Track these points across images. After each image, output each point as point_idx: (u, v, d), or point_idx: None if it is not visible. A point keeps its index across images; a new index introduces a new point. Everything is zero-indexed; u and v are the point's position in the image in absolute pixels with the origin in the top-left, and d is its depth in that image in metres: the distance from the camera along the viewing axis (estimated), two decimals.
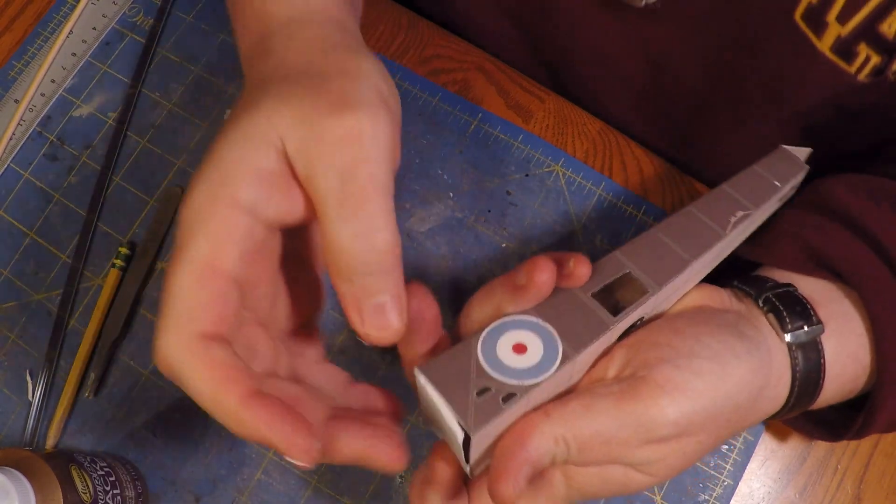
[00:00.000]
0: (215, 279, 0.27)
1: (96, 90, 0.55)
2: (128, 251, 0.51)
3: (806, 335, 0.36)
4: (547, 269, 0.32)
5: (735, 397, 0.33)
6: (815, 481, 0.47)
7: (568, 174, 0.52)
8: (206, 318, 0.27)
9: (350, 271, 0.27)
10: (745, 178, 0.41)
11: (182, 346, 0.26)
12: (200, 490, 0.47)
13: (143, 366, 0.49)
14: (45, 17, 0.57)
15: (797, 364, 0.36)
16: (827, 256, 0.38)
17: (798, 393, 0.36)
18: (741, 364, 0.33)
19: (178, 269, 0.27)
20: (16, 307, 0.51)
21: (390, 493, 0.47)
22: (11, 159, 0.54)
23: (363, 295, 0.28)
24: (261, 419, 0.26)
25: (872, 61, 0.38)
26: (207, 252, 0.27)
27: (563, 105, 0.54)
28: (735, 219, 0.38)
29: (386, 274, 0.28)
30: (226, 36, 0.56)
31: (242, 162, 0.28)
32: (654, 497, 0.46)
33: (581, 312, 0.33)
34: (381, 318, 0.28)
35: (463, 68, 0.55)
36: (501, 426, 0.31)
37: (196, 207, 0.27)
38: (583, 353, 0.32)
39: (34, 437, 0.48)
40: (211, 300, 0.27)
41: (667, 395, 0.31)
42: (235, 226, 0.27)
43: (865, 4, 0.36)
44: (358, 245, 0.27)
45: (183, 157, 0.53)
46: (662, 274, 0.34)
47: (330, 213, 0.27)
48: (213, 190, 0.27)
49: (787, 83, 0.43)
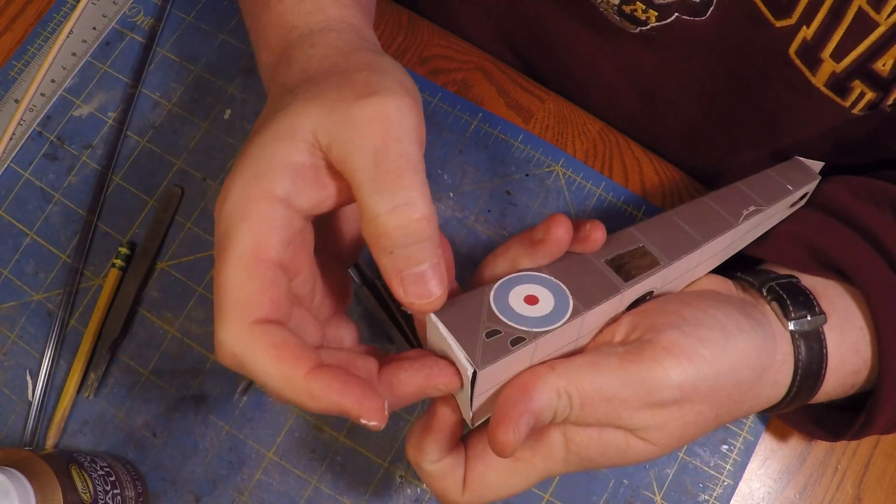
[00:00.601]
0: (264, 267, 0.28)
1: (96, 90, 0.55)
2: (128, 251, 0.51)
3: (809, 324, 0.37)
4: (564, 225, 0.33)
5: (738, 372, 0.33)
6: (815, 481, 0.47)
7: (568, 174, 0.52)
8: (260, 305, 0.28)
9: (390, 243, 0.28)
10: (760, 179, 0.42)
11: (243, 335, 0.27)
12: (200, 490, 0.47)
13: (143, 366, 0.49)
14: (45, 17, 0.57)
15: (800, 352, 0.36)
16: (829, 255, 0.39)
17: (800, 382, 0.36)
18: (746, 339, 0.34)
19: (227, 263, 0.28)
20: (16, 307, 0.51)
21: (390, 492, 0.47)
22: (11, 159, 0.54)
23: (404, 265, 0.29)
24: (332, 389, 0.27)
25: (867, 97, 0.38)
26: (252, 243, 0.28)
27: (563, 105, 0.54)
28: (747, 212, 0.39)
29: (424, 243, 0.29)
30: (226, 36, 0.56)
31: (275, 157, 0.29)
32: (654, 497, 0.46)
33: (593, 275, 0.34)
34: (423, 286, 0.29)
35: (463, 68, 0.55)
36: (507, 370, 0.31)
37: (234, 204, 0.29)
38: (592, 310, 0.32)
39: (34, 437, 0.48)
40: (262, 287, 0.28)
41: (672, 358, 0.31)
42: (274, 216, 0.28)
43: (860, 43, 0.36)
44: (396, 217, 0.28)
45: (183, 157, 0.53)
46: (674, 250, 0.36)
47: (366, 189, 0.28)
48: (248, 186, 0.28)
49: (782, 116, 0.44)
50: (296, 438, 0.47)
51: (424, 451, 0.33)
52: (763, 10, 0.38)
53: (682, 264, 0.36)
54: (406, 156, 0.28)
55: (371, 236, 0.29)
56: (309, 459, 0.47)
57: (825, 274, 0.39)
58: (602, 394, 0.31)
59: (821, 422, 0.42)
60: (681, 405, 0.32)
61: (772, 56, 0.39)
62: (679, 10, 0.40)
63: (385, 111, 0.29)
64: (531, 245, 0.33)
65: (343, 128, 0.29)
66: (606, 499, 0.46)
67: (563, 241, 0.33)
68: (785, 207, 0.43)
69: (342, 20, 0.36)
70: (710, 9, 0.39)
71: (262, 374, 0.28)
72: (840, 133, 0.43)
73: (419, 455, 0.33)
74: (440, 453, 0.33)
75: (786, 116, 0.43)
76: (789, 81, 0.40)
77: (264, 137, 0.30)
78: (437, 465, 0.33)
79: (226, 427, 0.48)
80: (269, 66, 0.36)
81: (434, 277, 0.29)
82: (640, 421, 0.32)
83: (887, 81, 0.37)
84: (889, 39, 0.35)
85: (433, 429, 0.33)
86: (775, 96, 0.42)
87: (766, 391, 0.36)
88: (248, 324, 0.28)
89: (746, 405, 0.36)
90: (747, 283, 0.39)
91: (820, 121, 0.42)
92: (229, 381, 0.48)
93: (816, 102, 0.40)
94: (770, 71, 0.40)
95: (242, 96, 0.54)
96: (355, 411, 0.28)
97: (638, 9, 0.41)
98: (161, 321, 0.50)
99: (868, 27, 0.35)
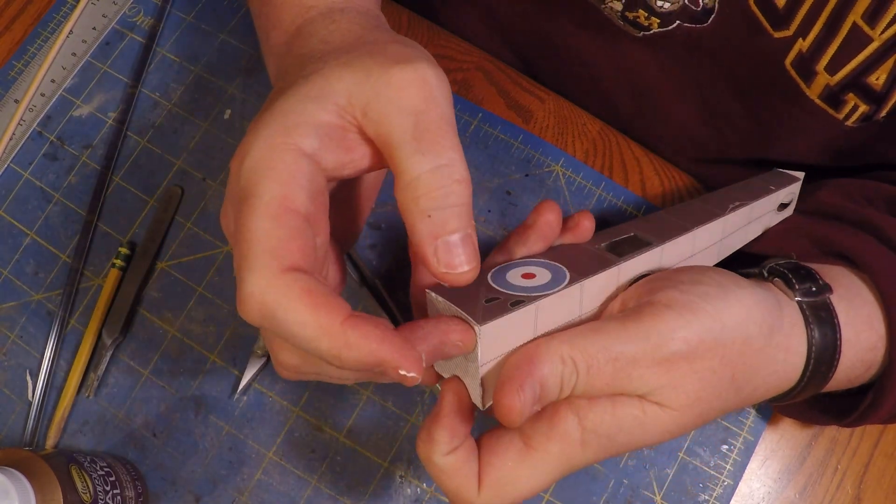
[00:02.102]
0: (291, 216, 0.27)
1: (96, 90, 0.55)
2: (128, 251, 0.51)
3: (815, 294, 0.36)
4: (554, 210, 0.34)
5: (744, 326, 0.32)
6: (815, 481, 0.47)
7: (568, 174, 0.52)
8: (291, 252, 0.27)
9: (430, 204, 0.28)
10: (743, 185, 0.44)
11: (274, 283, 0.26)
12: (200, 490, 0.47)
13: (143, 366, 0.49)
14: (45, 17, 0.57)
15: (810, 323, 0.35)
16: (831, 241, 0.39)
17: (816, 355, 0.35)
18: (746, 294, 0.33)
19: (253, 213, 0.27)
20: (16, 307, 0.51)
21: (390, 492, 0.47)
22: (11, 159, 0.54)
23: (441, 229, 0.28)
24: (372, 337, 0.26)
25: (861, 109, 0.38)
26: (279, 193, 0.27)
27: (563, 105, 0.54)
28: (733, 205, 0.40)
29: (461, 207, 0.29)
30: (226, 36, 0.56)
31: (304, 115, 0.28)
32: (654, 497, 0.46)
33: (588, 256, 0.35)
34: (458, 255, 0.29)
35: (463, 68, 0.55)
36: (511, 335, 0.31)
37: (259, 155, 0.28)
38: (590, 278, 0.33)
39: (34, 437, 0.48)
40: (291, 235, 0.27)
41: (673, 311, 0.31)
42: (301, 170, 0.28)
43: (854, 57, 0.36)
44: (438, 177, 0.28)
45: (183, 157, 0.53)
46: (666, 236, 0.37)
47: (407, 149, 0.28)
48: (275, 139, 0.28)
49: (776, 124, 0.44)
50: (296, 438, 0.47)
51: (434, 440, 0.31)
52: (762, 21, 0.38)
53: (675, 249, 0.37)
54: (446, 118, 0.29)
55: (409, 199, 0.28)
56: (309, 459, 0.47)
57: (828, 260, 0.39)
58: (607, 353, 0.30)
59: (824, 407, 0.41)
60: (690, 360, 0.31)
61: (768, 66, 0.40)
62: (681, 17, 0.41)
63: (424, 75, 0.29)
64: (523, 232, 0.34)
65: (382, 89, 0.28)
66: (606, 499, 0.46)
67: (553, 225, 0.34)
68: (772, 208, 0.43)
69: (360, 2, 0.36)
70: (711, 17, 0.40)
71: (294, 324, 0.26)
72: (833, 142, 0.43)
73: (429, 447, 0.31)
74: (451, 442, 0.31)
75: (780, 125, 0.44)
76: (784, 92, 0.40)
77: (292, 98, 0.29)
78: (449, 458, 0.31)
79: (226, 427, 0.48)
80: (281, 45, 0.36)
81: (469, 248, 0.29)
82: (651, 380, 0.30)
83: (880, 95, 0.37)
84: (882, 54, 0.36)
85: (441, 415, 0.31)
86: (771, 105, 0.43)
87: (780, 358, 0.34)
88: (278, 271, 0.26)
89: (762, 372, 0.34)
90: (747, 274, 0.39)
91: (814, 130, 0.43)
92: (229, 381, 0.49)
93: (810, 113, 0.40)
94: (766, 80, 0.41)
95: (242, 96, 0.54)
96: (394, 361, 0.26)
97: (640, 15, 0.42)
98: (161, 321, 0.50)
99: (862, 42, 0.35)
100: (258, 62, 0.55)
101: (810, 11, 0.36)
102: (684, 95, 0.47)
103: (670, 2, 0.40)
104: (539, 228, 0.34)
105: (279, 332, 0.27)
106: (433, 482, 0.46)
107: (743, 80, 0.43)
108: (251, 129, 0.29)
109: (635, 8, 0.41)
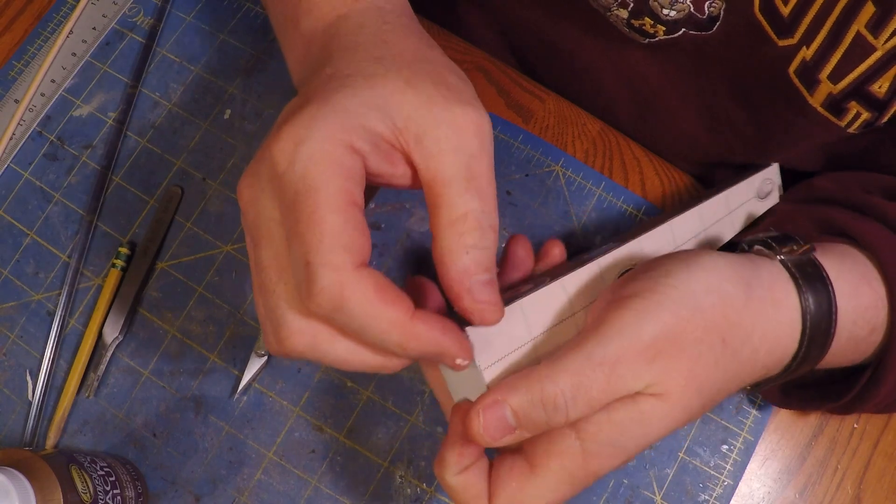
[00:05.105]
0: (356, 211, 0.28)
1: (96, 90, 0.55)
2: (128, 251, 0.51)
3: (796, 253, 0.35)
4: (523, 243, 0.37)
5: (717, 287, 0.32)
6: (815, 481, 0.47)
7: (568, 174, 0.52)
8: (360, 249, 0.28)
9: (472, 241, 0.30)
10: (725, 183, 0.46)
11: (350, 278, 0.27)
12: (200, 490, 0.47)
13: (143, 366, 0.49)
14: (45, 17, 0.57)
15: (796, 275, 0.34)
16: (832, 222, 0.39)
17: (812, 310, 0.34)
18: (710, 259, 0.33)
19: (321, 205, 0.28)
20: (16, 307, 0.51)
21: (390, 492, 0.47)
22: (11, 159, 0.54)
23: (477, 268, 0.30)
24: (437, 330, 0.29)
25: (863, 117, 0.39)
26: (343, 187, 0.28)
27: (563, 105, 0.54)
28: (707, 192, 0.42)
29: (493, 251, 0.30)
30: (226, 36, 0.56)
31: (363, 119, 0.29)
32: (654, 497, 0.46)
33: (570, 265, 0.37)
34: (490, 293, 0.30)
35: (463, 68, 0.54)
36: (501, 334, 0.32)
37: (320, 147, 0.28)
38: (571, 274, 0.34)
39: (34, 437, 0.48)
40: (359, 231, 0.28)
41: (639, 297, 0.31)
42: (357, 168, 0.29)
43: (857, 67, 0.36)
44: (482, 218, 0.30)
45: (183, 157, 0.53)
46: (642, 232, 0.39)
47: (458, 186, 0.30)
48: (335, 134, 0.29)
49: (778, 131, 0.44)
50: (296, 438, 0.47)
51: (445, 461, 0.32)
52: (767, 29, 0.38)
53: (654, 243, 0.38)
54: (492, 168, 0.31)
55: (455, 233, 0.29)
56: (309, 459, 0.47)
57: (828, 238, 0.39)
58: (591, 361, 0.30)
59: (824, 393, 0.41)
60: (672, 339, 0.31)
61: (772, 74, 0.40)
62: (686, 25, 0.41)
63: (481, 123, 0.31)
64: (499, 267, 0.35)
65: (442, 126, 0.30)
66: (607, 499, 0.46)
67: (524, 256, 0.36)
68: (752, 195, 0.45)
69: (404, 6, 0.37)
70: (717, 25, 0.40)
71: (369, 317, 0.28)
72: (834, 148, 0.44)
73: (441, 467, 0.33)
74: (460, 462, 0.32)
75: (782, 131, 0.44)
76: (787, 100, 0.40)
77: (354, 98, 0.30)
78: (460, 477, 0.32)
79: (226, 427, 0.48)
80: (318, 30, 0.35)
81: (496, 290, 0.31)
82: (642, 371, 0.30)
83: (883, 102, 0.37)
84: (885, 63, 0.36)
85: (450, 438, 0.33)
86: (773, 113, 0.43)
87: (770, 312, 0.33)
88: (352, 267, 0.27)
89: (756, 330, 0.33)
90: None
91: (815, 137, 0.43)
92: (229, 381, 0.49)
93: (812, 121, 0.40)
94: (769, 88, 0.41)
95: (242, 96, 0.54)
96: (456, 350, 0.29)
97: (646, 23, 0.42)
98: (161, 321, 0.50)
99: (865, 51, 0.35)
100: (258, 62, 0.55)
101: (815, 20, 0.36)
102: (687, 102, 0.47)
103: (676, 10, 0.40)
104: (511, 260, 0.37)
105: (348, 324, 0.28)
106: (433, 482, 0.47)
107: (746, 87, 0.43)
108: (301, 112, 0.29)
109: (641, 16, 0.41)
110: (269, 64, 0.55)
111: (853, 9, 0.35)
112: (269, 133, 0.30)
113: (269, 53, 0.55)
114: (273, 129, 0.30)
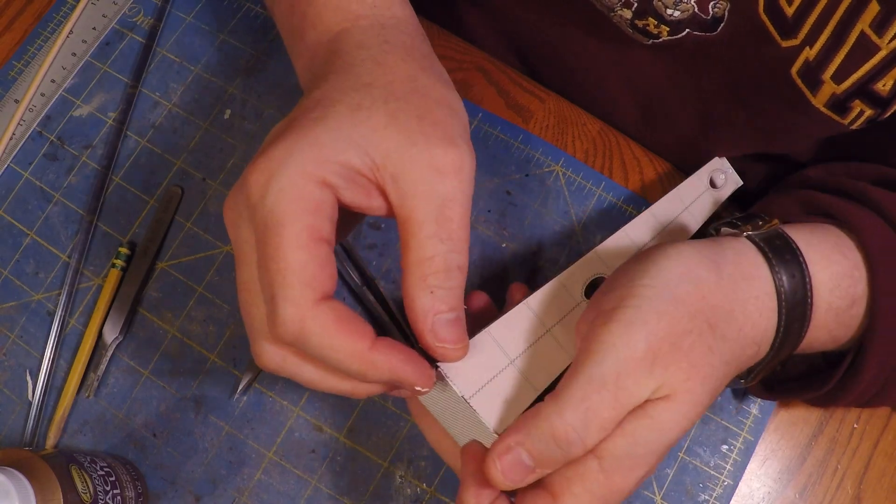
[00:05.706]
0: (321, 247, 0.30)
1: (96, 90, 0.55)
2: (128, 251, 0.51)
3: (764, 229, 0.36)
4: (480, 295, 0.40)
5: (689, 273, 0.33)
6: (815, 481, 0.47)
7: (568, 174, 0.52)
8: (323, 283, 0.29)
9: (437, 281, 0.31)
10: None
11: (310, 313, 0.29)
12: (200, 490, 0.47)
13: (143, 366, 0.49)
14: (45, 17, 0.57)
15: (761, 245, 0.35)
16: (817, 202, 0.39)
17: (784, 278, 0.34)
18: (673, 249, 0.34)
19: (286, 242, 0.29)
20: (16, 307, 0.51)
21: (390, 492, 0.47)
22: (11, 159, 0.54)
23: (441, 306, 0.31)
24: (395, 360, 0.30)
25: (866, 114, 0.39)
26: (310, 223, 0.29)
27: (563, 105, 0.54)
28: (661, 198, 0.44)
29: (459, 290, 0.31)
30: (226, 36, 0.56)
31: (339, 154, 0.30)
32: (654, 497, 0.46)
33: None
34: (452, 331, 0.31)
35: (463, 68, 0.55)
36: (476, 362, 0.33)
37: (290, 182, 0.29)
38: (531, 296, 0.36)
39: (34, 437, 0.48)
40: (320, 267, 0.29)
41: (620, 309, 0.32)
42: (328, 202, 0.30)
43: (861, 66, 0.36)
44: (449, 260, 0.31)
45: (183, 157, 0.53)
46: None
47: (427, 230, 0.30)
48: (307, 168, 0.30)
49: (779, 130, 0.45)
50: (296, 438, 0.47)
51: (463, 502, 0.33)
52: (770, 30, 0.38)
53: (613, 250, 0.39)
54: (465, 210, 0.31)
55: (419, 274, 0.30)
56: (309, 459, 0.47)
57: (812, 219, 0.39)
58: (592, 384, 0.30)
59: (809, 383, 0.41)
60: (666, 339, 0.31)
61: (774, 75, 0.40)
62: (690, 26, 0.41)
63: (460, 164, 0.31)
64: None
65: (418, 167, 0.31)
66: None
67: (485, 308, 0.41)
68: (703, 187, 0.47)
69: (405, 16, 0.37)
70: (721, 25, 0.40)
71: (327, 349, 0.29)
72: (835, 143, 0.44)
73: None
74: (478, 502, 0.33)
75: (783, 130, 0.44)
76: (789, 100, 0.40)
77: (331, 132, 0.30)
78: None
79: (226, 427, 0.48)
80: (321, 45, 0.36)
81: (459, 328, 0.31)
82: (645, 379, 0.30)
83: (887, 100, 0.37)
84: (890, 62, 0.35)
85: (465, 482, 0.33)
86: (775, 112, 0.43)
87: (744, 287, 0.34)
88: (313, 302, 0.29)
89: (736, 308, 0.33)
90: None
91: (817, 135, 0.43)
92: (229, 381, 0.49)
93: (815, 120, 0.40)
94: (771, 89, 0.41)
95: (242, 96, 0.54)
96: (414, 379, 0.30)
97: (650, 24, 0.42)
98: (161, 321, 0.50)
99: (869, 51, 0.35)
100: (258, 62, 0.55)
101: (818, 20, 0.36)
102: (690, 103, 0.47)
103: (680, 10, 0.40)
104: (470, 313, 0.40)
105: (311, 353, 0.30)
106: (433, 482, 0.47)
107: (748, 88, 0.43)
108: (279, 142, 0.30)
109: (645, 16, 0.41)
110: (269, 64, 0.55)
111: (857, 8, 0.35)
112: (254, 156, 0.31)
113: (268, 53, 0.55)
114: (257, 153, 0.31)
